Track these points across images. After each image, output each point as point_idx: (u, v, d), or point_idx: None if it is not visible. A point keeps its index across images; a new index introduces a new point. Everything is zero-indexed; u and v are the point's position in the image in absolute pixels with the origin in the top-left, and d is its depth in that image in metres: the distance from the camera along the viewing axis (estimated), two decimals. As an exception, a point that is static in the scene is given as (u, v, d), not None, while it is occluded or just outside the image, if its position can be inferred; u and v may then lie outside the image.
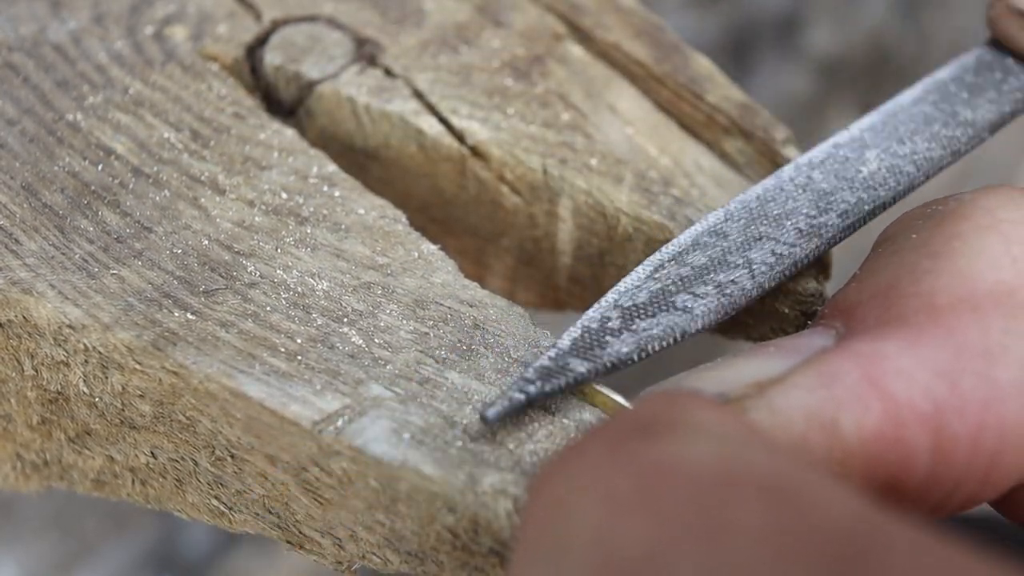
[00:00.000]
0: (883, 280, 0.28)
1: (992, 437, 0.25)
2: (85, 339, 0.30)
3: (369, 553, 0.29)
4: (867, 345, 0.26)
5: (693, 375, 0.28)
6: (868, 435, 0.25)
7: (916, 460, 0.25)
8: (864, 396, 0.25)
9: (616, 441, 0.22)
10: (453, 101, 0.36)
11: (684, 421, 0.23)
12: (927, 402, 0.25)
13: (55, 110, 0.35)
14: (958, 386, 0.25)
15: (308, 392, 0.28)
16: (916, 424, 0.25)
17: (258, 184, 0.34)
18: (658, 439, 0.22)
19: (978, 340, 0.26)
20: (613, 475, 0.21)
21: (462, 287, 0.32)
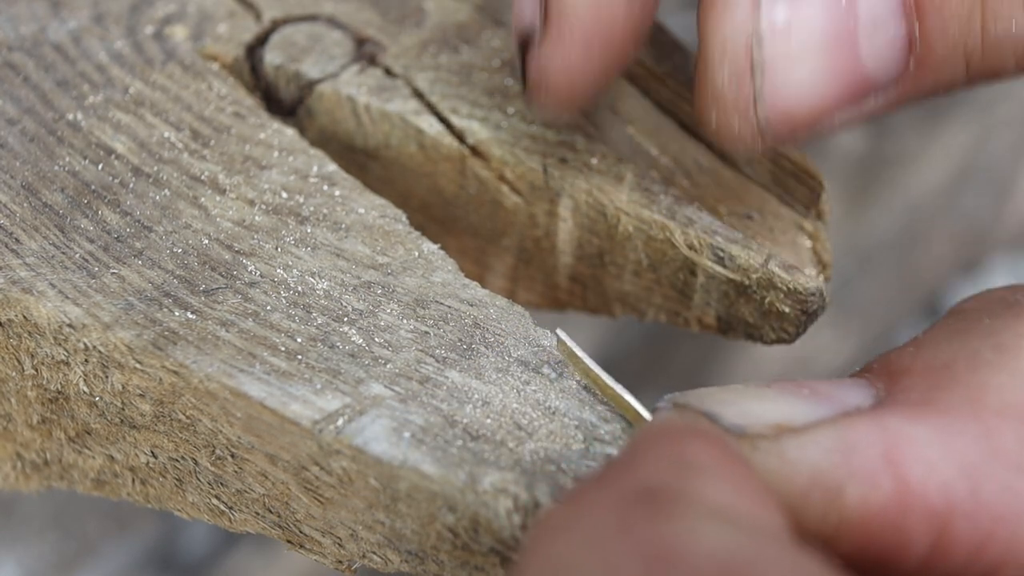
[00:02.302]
0: (941, 357, 0.27)
1: (997, 550, 0.25)
2: (85, 338, 0.30)
3: (369, 552, 0.29)
4: (900, 422, 0.25)
5: (719, 396, 0.27)
6: (870, 513, 0.25)
7: (912, 549, 0.25)
8: (878, 474, 0.25)
9: (623, 510, 0.22)
10: (453, 100, 0.36)
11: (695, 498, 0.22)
12: (941, 498, 0.24)
13: (55, 109, 0.35)
14: (979, 491, 0.25)
15: (308, 391, 0.28)
16: (922, 516, 0.25)
17: (258, 183, 0.34)
18: (667, 517, 0.22)
19: (1014, 450, 0.25)
20: (618, 553, 0.21)
21: (462, 286, 0.32)
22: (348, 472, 0.28)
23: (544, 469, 0.27)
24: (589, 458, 0.28)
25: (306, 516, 0.30)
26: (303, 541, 0.30)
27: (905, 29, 0.29)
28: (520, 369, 0.30)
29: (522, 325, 0.31)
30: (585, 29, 0.29)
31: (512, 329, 0.31)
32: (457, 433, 0.28)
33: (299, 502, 0.29)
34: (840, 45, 0.29)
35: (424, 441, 0.28)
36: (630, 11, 0.30)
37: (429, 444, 0.27)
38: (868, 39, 0.29)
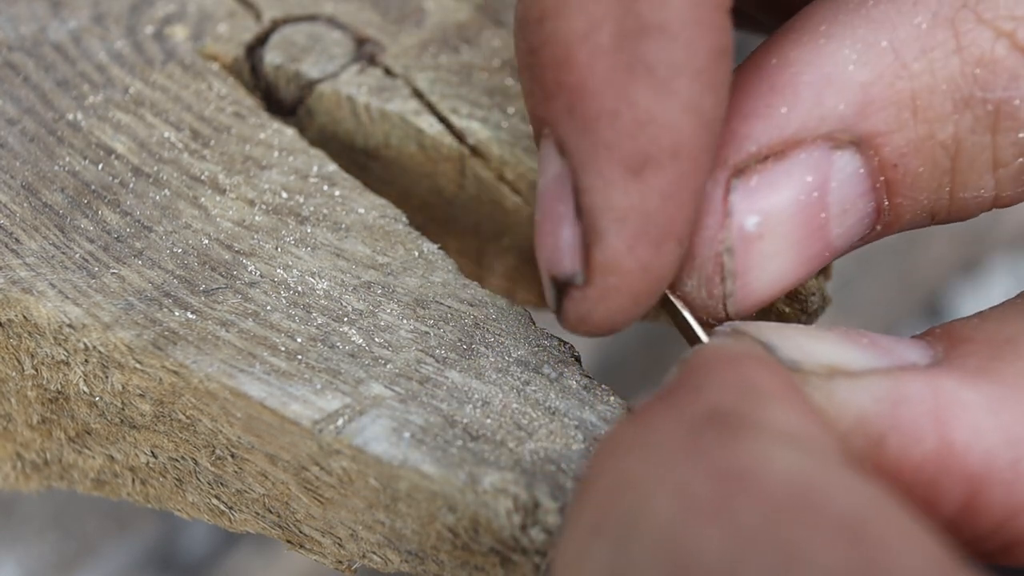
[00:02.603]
0: (1005, 331, 0.27)
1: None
2: (85, 338, 0.30)
3: (369, 552, 0.29)
4: (954, 384, 0.25)
5: (778, 330, 0.27)
6: (907, 465, 0.25)
7: (941, 507, 0.25)
8: (923, 429, 0.25)
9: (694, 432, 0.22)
10: (453, 100, 0.36)
11: (764, 422, 0.22)
12: (981, 463, 0.25)
13: (55, 109, 0.35)
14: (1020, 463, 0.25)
15: (308, 391, 0.28)
16: (959, 478, 0.25)
17: (258, 183, 0.34)
18: (737, 440, 0.22)
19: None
20: (689, 473, 0.22)
21: (462, 286, 0.32)
22: (348, 472, 0.28)
23: (544, 469, 0.27)
24: (589, 458, 0.28)
25: (306, 516, 0.30)
26: (303, 541, 0.30)
27: (875, 204, 0.29)
28: (520, 369, 0.30)
29: (522, 325, 0.31)
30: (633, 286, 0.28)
31: (512, 329, 0.31)
32: (457, 433, 0.28)
33: (299, 502, 0.29)
34: (811, 236, 0.28)
35: (424, 441, 0.28)
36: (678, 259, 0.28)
37: (429, 444, 0.27)
38: (838, 223, 0.29)
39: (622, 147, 0.26)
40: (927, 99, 0.27)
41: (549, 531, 0.26)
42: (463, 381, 0.29)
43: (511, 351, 0.30)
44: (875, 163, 0.28)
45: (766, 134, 0.28)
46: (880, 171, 0.28)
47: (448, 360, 0.30)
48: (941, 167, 0.28)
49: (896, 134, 0.28)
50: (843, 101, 0.28)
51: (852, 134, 0.28)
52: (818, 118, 0.28)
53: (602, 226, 0.27)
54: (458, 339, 0.30)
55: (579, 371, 0.30)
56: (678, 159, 0.26)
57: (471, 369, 0.29)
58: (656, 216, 0.27)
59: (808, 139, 0.28)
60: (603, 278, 0.28)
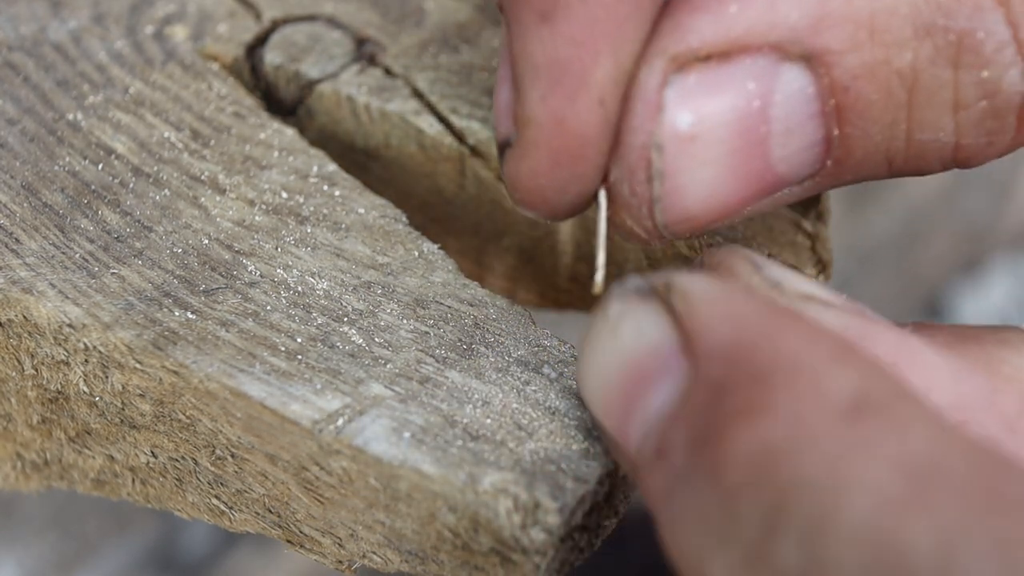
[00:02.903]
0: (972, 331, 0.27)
1: None
2: (85, 338, 0.30)
3: (369, 552, 0.29)
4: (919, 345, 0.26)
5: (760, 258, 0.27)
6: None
7: None
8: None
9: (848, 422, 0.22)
10: (453, 100, 0.36)
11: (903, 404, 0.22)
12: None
13: (55, 109, 0.35)
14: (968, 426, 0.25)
15: (308, 391, 0.28)
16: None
17: (258, 183, 0.34)
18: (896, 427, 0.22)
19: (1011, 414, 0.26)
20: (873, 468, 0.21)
21: (462, 286, 0.32)
22: (348, 472, 0.28)
23: (544, 469, 0.27)
24: (589, 458, 0.28)
25: (306, 516, 0.30)
26: (303, 541, 0.30)
27: (823, 132, 0.27)
28: (520, 369, 0.30)
29: (522, 325, 0.31)
30: (549, 142, 0.27)
31: (512, 329, 0.31)
32: (457, 433, 0.28)
33: (299, 502, 0.29)
34: (749, 150, 0.27)
35: (424, 441, 0.28)
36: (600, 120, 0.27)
37: (429, 444, 0.27)
38: (781, 144, 0.27)
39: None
40: (886, 21, 0.26)
41: (549, 531, 0.26)
42: (463, 381, 0.29)
43: (511, 351, 0.30)
44: (825, 83, 0.27)
45: (711, 30, 0.27)
46: (830, 92, 0.27)
47: (448, 360, 0.30)
48: (897, 99, 0.27)
49: (849, 54, 0.26)
50: (797, 11, 0.26)
51: (803, 47, 0.26)
52: (768, 23, 0.26)
53: (519, 75, 0.26)
54: (458, 339, 0.30)
55: (579, 371, 0.30)
56: (587, 3, 0.26)
57: (471, 369, 0.29)
58: (568, 65, 0.26)
59: (755, 45, 0.27)
60: (522, 132, 0.27)
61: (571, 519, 0.27)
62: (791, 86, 0.27)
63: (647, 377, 0.25)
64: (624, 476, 0.28)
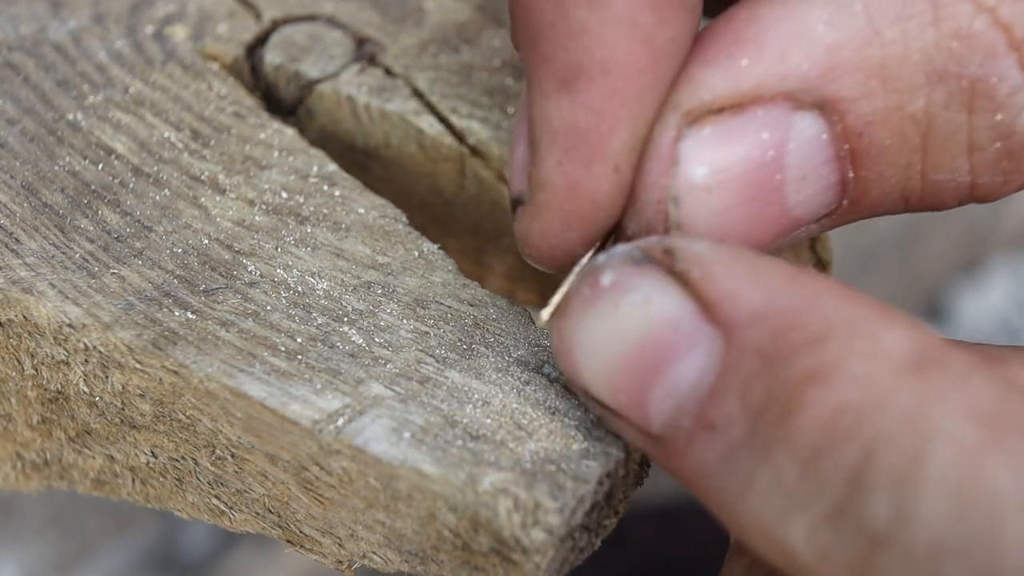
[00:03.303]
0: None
1: None
2: (85, 338, 0.30)
3: (369, 552, 0.29)
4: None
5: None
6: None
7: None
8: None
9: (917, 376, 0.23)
10: (453, 100, 0.36)
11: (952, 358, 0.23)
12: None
13: (55, 109, 0.35)
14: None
15: (308, 391, 0.28)
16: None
17: (258, 183, 0.34)
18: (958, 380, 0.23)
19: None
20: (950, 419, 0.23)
21: (462, 286, 0.32)
22: (348, 472, 0.28)
23: (544, 469, 0.27)
24: (589, 458, 0.28)
25: (306, 516, 0.30)
26: (303, 541, 0.31)
27: (838, 175, 0.28)
28: (520, 369, 0.30)
29: (522, 325, 0.31)
30: (561, 206, 0.27)
31: (512, 329, 0.31)
32: (457, 433, 0.28)
33: (299, 502, 0.29)
34: (764, 198, 0.27)
35: (424, 441, 0.28)
36: (613, 187, 0.27)
37: (429, 444, 0.27)
38: (797, 189, 0.27)
39: (557, 59, 0.26)
40: (897, 68, 0.27)
41: (549, 531, 0.26)
42: (463, 381, 0.29)
43: (511, 351, 0.30)
44: (839, 129, 0.27)
45: (723, 84, 0.27)
46: (844, 138, 0.27)
47: (448, 360, 0.30)
48: (911, 142, 0.27)
49: (862, 101, 0.27)
50: (808, 61, 0.27)
51: (815, 96, 0.27)
52: (780, 74, 0.27)
53: (536, 138, 0.27)
54: (458, 339, 0.30)
55: (579, 371, 0.30)
56: (609, 74, 0.26)
57: (471, 369, 0.29)
58: (586, 133, 0.26)
59: (767, 96, 0.27)
60: (536, 193, 0.27)
61: (571, 519, 0.27)
62: (805, 133, 0.27)
63: (667, 351, 0.25)
64: (624, 476, 0.28)
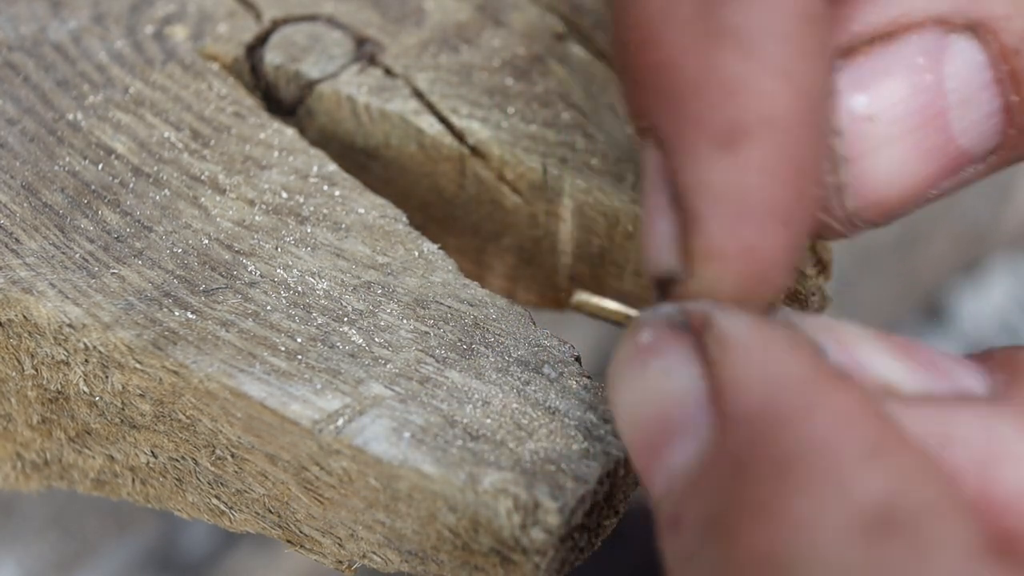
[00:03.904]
0: None
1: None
2: (85, 338, 0.30)
3: (369, 552, 0.29)
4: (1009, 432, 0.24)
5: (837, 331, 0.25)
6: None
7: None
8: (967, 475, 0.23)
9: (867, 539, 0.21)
10: (453, 100, 0.36)
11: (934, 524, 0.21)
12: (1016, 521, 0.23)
13: (55, 109, 0.35)
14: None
15: (308, 391, 0.28)
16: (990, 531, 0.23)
17: (258, 183, 0.34)
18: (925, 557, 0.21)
19: None
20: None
21: (462, 286, 0.32)
22: (348, 472, 0.28)
23: (544, 469, 0.27)
24: (589, 458, 0.28)
25: (306, 516, 0.30)
26: (303, 541, 0.30)
27: (1000, 100, 0.27)
28: (520, 369, 0.30)
29: (522, 325, 0.31)
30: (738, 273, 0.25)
31: (512, 329, 0.31)
32: (457, 433, 0.28)
33: (299, 502, 0.29)
34: (929, 126, 0.26)
35: (424, 441, 0.28)
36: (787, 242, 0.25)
37: (429, 444, 0.27)
38: (960, 116, 0.27)
39: (712, 119, 0.24)
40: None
41: (549, 531, 0.26)
42: (463, 381, 0.29)
43: (511, 351, 0.30)
44: (995, 49, 0.26)
45: (872, 15, 0.26)
46: (1002, 59, 0.26)
47: (448, 360, 0.30)
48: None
49: (1016, 18, 0.26)
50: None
51: (966, 17, 0.26)
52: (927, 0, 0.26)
53: (698, 208, 0.25)
54: (458, 339, 0.30)
55: (579, 371, 0.30)
56: (773, 129, 0.24)
57: (471, 369, 0.29)
58: (756, 193, 0.25)
59: (918, 21, 0.26)
60: (704, 267, 0.25)
61: (571, 519, 0.27)
62: (961, 56, 0.26)
63: (672, 428, 0.24)
64: (624, 476, 0.28)
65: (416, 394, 0.29)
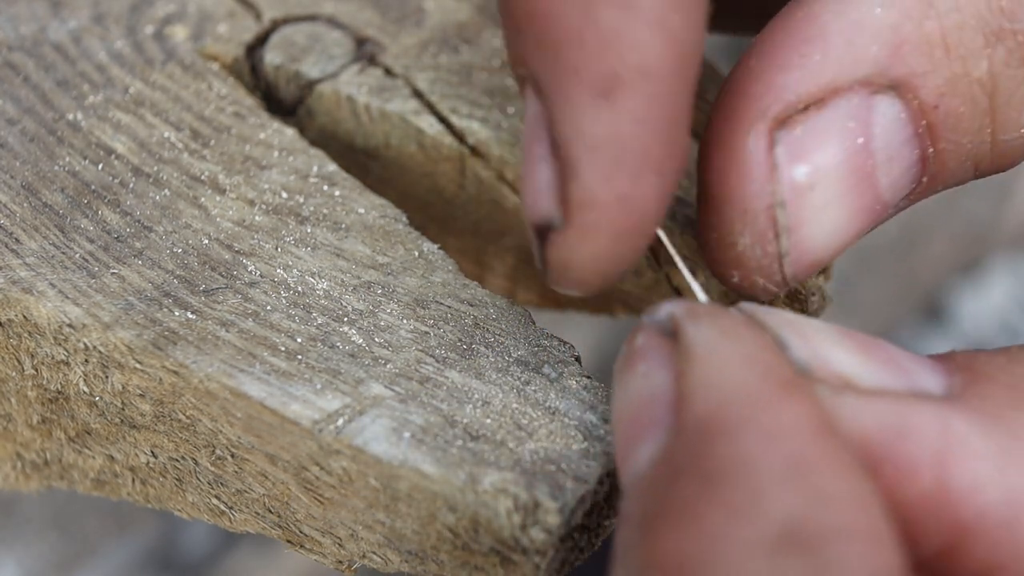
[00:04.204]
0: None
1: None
2: (85, 338, 0.30)
3: (369, 552, 0.29)
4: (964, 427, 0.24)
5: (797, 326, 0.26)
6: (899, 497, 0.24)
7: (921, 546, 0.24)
8: (923, 468, 0.24)
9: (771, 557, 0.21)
10: (453, 100, 0.36)
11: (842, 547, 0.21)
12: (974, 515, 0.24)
13: (55, 109, 0.35)
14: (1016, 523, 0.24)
15: (308, 391, 0.28)
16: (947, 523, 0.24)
17: (258, 183, 0.34)
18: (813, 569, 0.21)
19: None
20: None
21: (462, 286, 0.32)
22: (348, 472, 0.28)
23: (544, 469, 0.27)
24: (589, 458, 0.28)
25: (306, 516, 0.30)
26: (303, 541, 0.31)
27: (919, 152, 0.28)
28: (520, 369, 0.30)
29: (522, 325, 0.31)
30: (613, 222, 0.26)
31: (512, 329, 0.31)
32: (457, 433, 0.28)
33: (299, 502, 0.29)
34: (860, 186, 0.28)
35: (424, 441, 0.28)
36: (661, 195, 0.26)
37: (429, 444, 0.27)
38: (885, 172, 0.28)
39: (589, 69, 0.25)
40: (957, 36, 0.27)
41: (549, 531, 0.26)
42: (463, 381, 0.29)
43: (511, 351, 0.30)
44: (915, 106, 0.28)
45: (803, 83, 0.27)
46: (921, 114, 0.28)
47: (448, 360, 0.30)
48: (980, 106, 0.28)
49: (932, 74, 0.27)
50: (875, 44, 0.27)
51: (888, 77, 0.27)
52: (852, 63, 0.27)
53: (575, 157, 0.26)
54: (458, 339, 0.30)
55: (579, 371, 0.30)
56: (648, 79, 0.25)
57: (471, 369, 0.29)
58: (631, 143, 0.26)
59: (845, 85, 0.27)
60: (581, 215, 0.26)
61: (571, 519, 0.27)
62: (886, 116, 0.28)
63: (642, 429, 0.25)
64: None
65: (416, 394, 0.29)
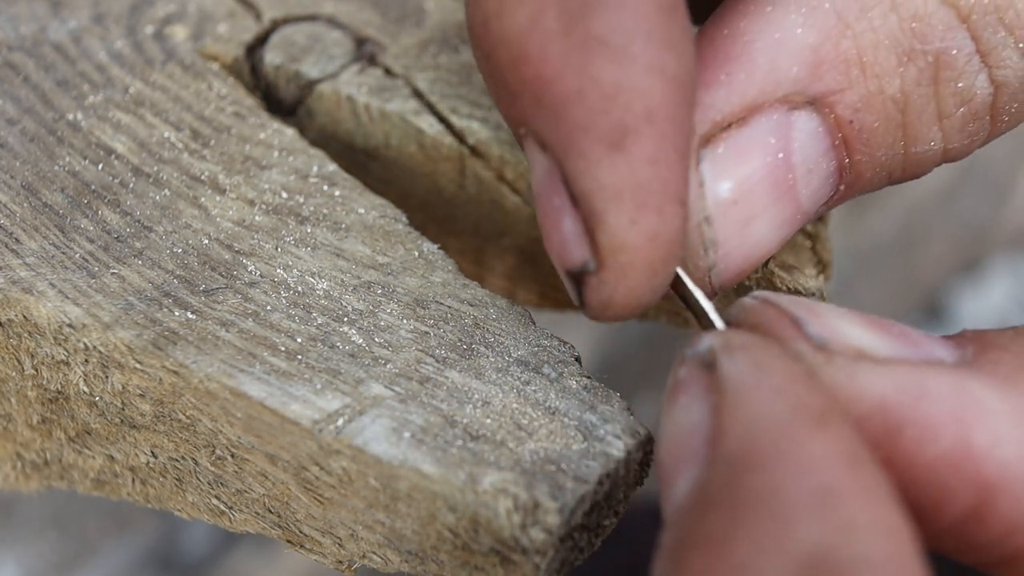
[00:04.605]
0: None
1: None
2: (85, 338, 0.30)
3: (369, 552, 0.29)
4: (980, 388, 0.25)
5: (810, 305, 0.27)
6: (920, 461, 0.25)
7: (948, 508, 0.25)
8: (943, 427, 0.25)
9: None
10: (453, 100, 0.36)
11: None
12: (997, 471, 0.25)
13: (55, 109, 0.35)
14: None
15: (308, 391, 0.28)
16: (971, 482, 0.25)
17: (258, 183, 0.34)
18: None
19: None
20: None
21: (462, 286, 0.32)
22: (348, 472, 0.28)
23: (544, 469, 0.27)
24: (589, 458, 0.28)
25: (306, 516, 0.30)
26: (303, 541, 0.31)
27: (836, 163, 0.30)
28: (520, 369, 0.30)
29: (522, 325, 0.31)
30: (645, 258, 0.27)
31: (512, 329, 0.31)
32: (457, 433, 0.28)
33: (299, 502, 0.29)
34: (783, 198, 0.29)
35: (424, 441, 0.28)
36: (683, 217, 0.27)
37: (429, 444, 0.27)
38: (805, 184, 0.29)
39: (597, 125, 0.26)
40: (872, 55, 0.28)
41: (549, 531, 0.26)
42: (463, 381, 0.29)
43: (511, 351, 0.30)
44: (831, 121, 0.29)
45: (727, 102, 0.28)
46: (837, 128, 0.29)
47: (448, 360, 0.30)
48: (894, 121, 0.29)
49: (848, 91, 0.29)
50: (795, 64, 0.28)
51: (807, 95, 0.29)
52: (774, 82, 0.28)
53: (599, 208, 0.27)
54: (458, 339, 0.30)
55: (579, 371, 0.30)
56: (655, 122, 0.26)
57: (471, 369, 0.30)
58: (649, 184, 0.27)
59: (767, 103, 0.29)
60: (614, 258, 0.27)
61: (571, 519, 0.27)
62: (805, 130, 0.29)
63: (682, 460, 0.25)
64: (624, 476, 0.28)
65: (416, 394, 0.29)
